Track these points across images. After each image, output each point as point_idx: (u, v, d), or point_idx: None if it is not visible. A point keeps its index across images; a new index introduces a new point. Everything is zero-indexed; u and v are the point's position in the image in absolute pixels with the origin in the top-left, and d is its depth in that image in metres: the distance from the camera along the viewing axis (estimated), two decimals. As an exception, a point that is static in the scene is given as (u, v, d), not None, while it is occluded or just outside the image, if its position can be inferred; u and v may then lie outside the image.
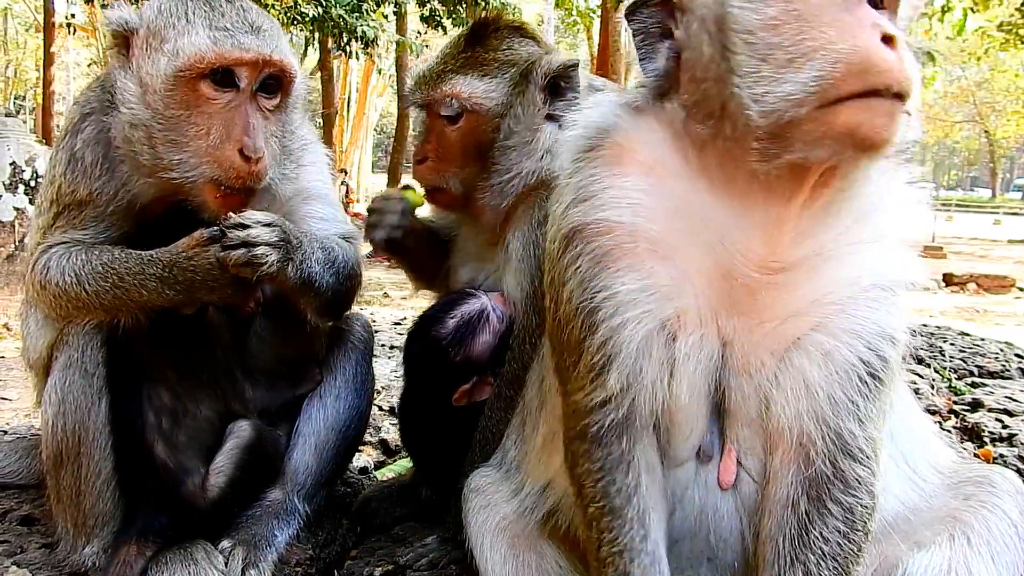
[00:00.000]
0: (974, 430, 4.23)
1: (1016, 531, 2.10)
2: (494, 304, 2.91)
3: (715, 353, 1.93)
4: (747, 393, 1.95)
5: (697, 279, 1.86)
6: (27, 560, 2.79)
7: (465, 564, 2.73)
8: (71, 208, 2.73)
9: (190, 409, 2.79)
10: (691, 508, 2.04)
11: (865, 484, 1.91)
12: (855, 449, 1.89)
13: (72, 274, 2.63)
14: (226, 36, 2.55)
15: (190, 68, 2.53)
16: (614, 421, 1.95)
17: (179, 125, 2.59)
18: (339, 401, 3.15)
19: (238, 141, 2.58)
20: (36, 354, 2.86)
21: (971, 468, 2.32)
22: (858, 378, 1.88)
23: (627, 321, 1.85)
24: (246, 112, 2.61)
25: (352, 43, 18.54)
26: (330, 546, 3.09)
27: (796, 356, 1.90)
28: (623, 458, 1.97)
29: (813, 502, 1.90)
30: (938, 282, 21.00)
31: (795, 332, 1.89)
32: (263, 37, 2.62)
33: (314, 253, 2.68)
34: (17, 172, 12.61)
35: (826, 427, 1.88)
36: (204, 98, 2.57)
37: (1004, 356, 5.91)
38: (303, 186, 2.97)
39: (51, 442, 2.70)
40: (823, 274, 1.89)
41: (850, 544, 1.90)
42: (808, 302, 1.88)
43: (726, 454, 2.01)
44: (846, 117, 1.58)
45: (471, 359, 2.88)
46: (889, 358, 1.89)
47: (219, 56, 2.53)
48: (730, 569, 2.05)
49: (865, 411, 1.89)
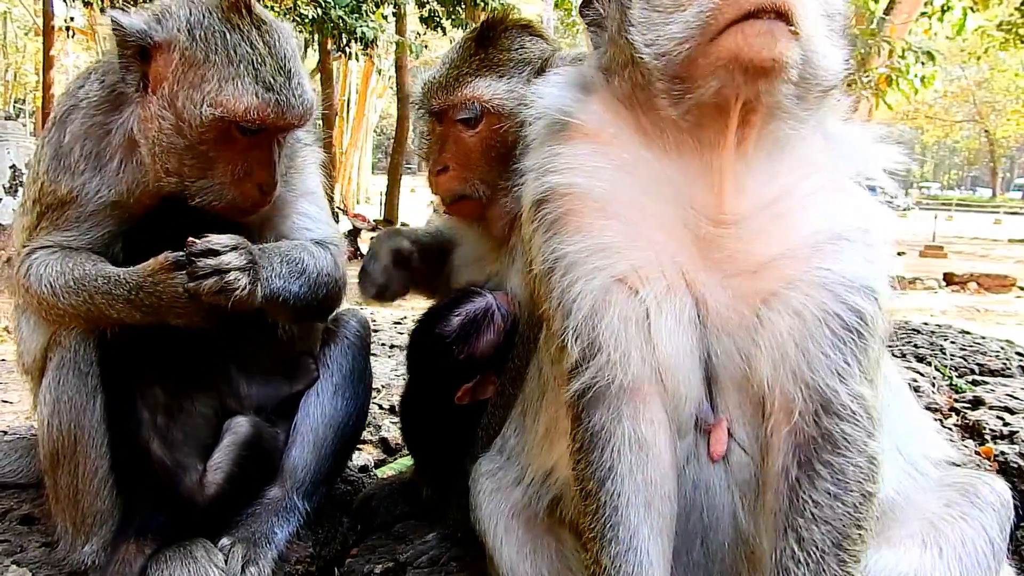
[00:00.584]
0: (975, 428, 4.21)
1: (992, 548, 2.05)
2: (499, 303, 2.90)
3: (689, 309, 1.91)
4: (730, 354, 1.92)
5: (655, 234, 1.90)
6: (27, 559, 2.78)
7: (466, 561, 2.73)
8: (53, 208, 2.71)
9: (185, 406, 2.78)
10: (685, 484, 1.99)
11: (856, 443, 1.84)
12: (838, 406, 1.84)
13: (48, 285, 2.63)
14: (271, 96, 2.54)
15: (233, 119, 2.54)
16: (587, 389, 1.91)
17: (207, 155, 2.61)
18: (337, 398, 3.13)
19: (259, 176, 2.67)
20: (31, 357, 2.85)
21: (960, 473, 2.27)
22: (831, 332, 1.83)
23: (577, 278, 1.88)
24: (270, 151, 2.69)
25: (352, 44, 18.53)
26: (330, 544, 3.08)
27: (768, 313, 1.87)
28: (599, 436, 1.92)
29: (803, 467, 1.85)
30: (939, 281, 21.01)
31: (764, 287, 1.88)
32: (300, 93, 2.61)
33: (276, 268, 2.66)
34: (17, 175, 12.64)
35: (804, 386, 1.84)
36: (233, 137, 2.60)
37: (1005, 354, 5.90)
38: (293, 183, 2.97)
39: (47, 442, 2.70)
40: (780, 226, 1.88)
41: (844, 507, 1.82)
42: (770, 255, 1.88)
43: (717, 424, 1.97)
44: (727, 43, 1.68)
45: (475, 357, 2.87)
46: (865, 311, 1.85)
47: (262, 118, 2.55)
48: (721, 549, 1.99)
49: (845, 366, 1.84)
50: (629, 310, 1.88)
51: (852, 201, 1.93)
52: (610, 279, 1.88)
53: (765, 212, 1.89)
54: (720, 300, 1.91)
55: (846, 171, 1.96)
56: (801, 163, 1.92)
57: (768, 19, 1.64)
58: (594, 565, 1.93)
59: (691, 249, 1.90)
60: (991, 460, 3.82)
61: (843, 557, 1.81)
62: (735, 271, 1.90)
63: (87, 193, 2.69)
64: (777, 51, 1.65)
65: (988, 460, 3.82)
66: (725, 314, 1.91)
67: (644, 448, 1.92)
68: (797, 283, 1.85)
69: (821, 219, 1.89)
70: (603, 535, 1.90)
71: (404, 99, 26.23)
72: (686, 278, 1.91)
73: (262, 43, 2.57)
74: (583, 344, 1.89)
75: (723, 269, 1.90)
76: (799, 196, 1.90)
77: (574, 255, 1.89)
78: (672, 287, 1.89)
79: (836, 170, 1.95)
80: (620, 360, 1.88)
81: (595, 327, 1.88)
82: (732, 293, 1.90)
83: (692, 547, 2.01)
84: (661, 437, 1.94)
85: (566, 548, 2.22)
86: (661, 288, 1.89)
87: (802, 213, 1.89)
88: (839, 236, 1.88)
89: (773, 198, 1.89)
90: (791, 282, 1.86)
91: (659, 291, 1.89)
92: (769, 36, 1.64)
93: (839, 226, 1.89)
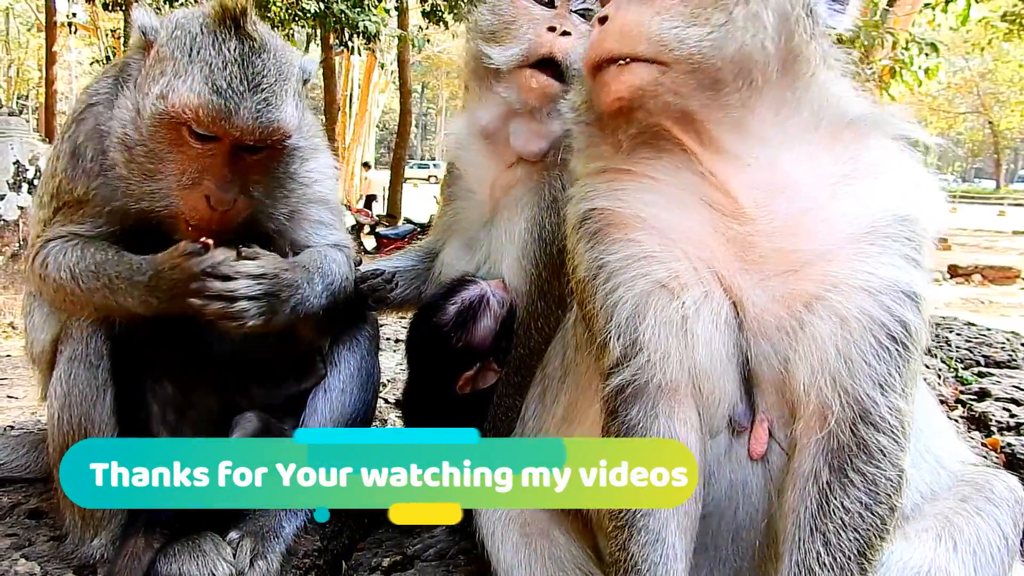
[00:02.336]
0: (981, 419, 4.21)
1: (1006, 544, 2.05)
2: (493, 290, 2.90)
3: (726, 313, 1.92)
4: (768, 356, 1.92)
5: (686, 242, 1.93)
6: (35, 553, 2.79)
7: (474, 555, 2.72)
8: (70, 205, 2.71)
9: (194, 401, 2.79)
10: (722, 482, 2.01)
11: (890, 455, 1.84)
12: (877, 418, 1.83)
13: (67, 270, 2.62)
14: (217, 101, 2.42)
15: (175, 116, 2.46)
16: (626, 386, 1.96)
17: (157, 157, 2.55)
18: (345, 395, 3.13)
19: (207, 188, 2.53)
20: (40, 348, 2.86)
21: (975, 469, 2.27)
22: (875, 341, 1.82)
23: (619, 284, 1.94)
24: (223, 163, 2.54)
25: (354, 38, 18.50)
26: (338, 537, 3.08)
27: (807, 315, 1.86)
28: (634, 430, 1.96)
29: (835, 472, 1.85)
30: (943, 273, 20.97)
31: (805, 288, 1.86)
32: (261, 109, 2.48)
33: (314, 288, 2.68)
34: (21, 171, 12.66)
35: (843, 392, 1.83)
36: (184, 141, 2.51)
37: (1011, 345, 5.89)
38: (307, 191, 2.95)
39: (57, 435, 2.70)
40: (809, 218, 1.87)
41: (872, 516, 1.84)
42: (805, 252, 1.86)
43: (758, 423, 1.98)
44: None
45: (473, 344, 2.88)
46: (910, 323, 1.83)
47: (201, 120, 2.44)
48: (752, 547, 2.01)
49: (886, 377, 1.83)
50: (668, 314, 1.92)
51: (886, 182, 1.89)
52: (650, 284, 1.93)
53: (785, 202, 1.87)
54: (759, 302, 1.91)
55: (875, 148, 1.92)
56: (805, 145, 1.90)
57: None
58: (620, 552, 1.96)
59: (725, 252, 1.91)
60: (997, 452, 3.82)
61: (864, 565, 1.84)
62: (773, 272, 1.89)
63: (103, 194, 2.68)
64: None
65: (995, 452, 3.82)
66: (764, 317, 1.91)
67: None
68: (841, 286, 1.83)
69: (854, 207, 1.86)
70: (632, 524, 1.94)
71: (407, 94, 26.19)
72: (723, 282, 1.92)
73: (235, 53, 2.48)
74: (625, 344, 1.95)
75: (761, 270, 1.90)
76: (819, 182, 1.88)
77: (616, 263, 1.96)
78: (709, 292, 1.92)
79: (860, 148, 1.91)
80: (659, 360, 1.93)
81: (636, 328, 1.94)
82: (771, 295, 1.90)
83: (724, 543, 2.03)
84: (692, 437, 1.98)
85: (559, 550, 2.28)
86: (699, 293, 1.91)
87: (831, 202, 1.87)
88: (878, 230, 1.85)
89: (786, 185, 1.88)
90: (835, 285, 1.84)
91: (697, 296, 1.91)
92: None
93: (876, 216, 1.85)
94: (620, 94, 1.82)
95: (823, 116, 1.92)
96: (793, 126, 1.90)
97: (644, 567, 1.92)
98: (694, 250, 1.92)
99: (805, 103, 1.90)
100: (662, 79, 1.79)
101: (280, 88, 2.55)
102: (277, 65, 2.56)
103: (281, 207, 2.81)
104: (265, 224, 2.82)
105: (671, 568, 1.92)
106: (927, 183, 1.93)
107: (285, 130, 2.57)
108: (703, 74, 1.80)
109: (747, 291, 1.91)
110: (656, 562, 1.92)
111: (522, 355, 2.82)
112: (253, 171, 2.64)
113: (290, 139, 2.63)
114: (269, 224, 2.84)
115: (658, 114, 1.86)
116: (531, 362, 2.74)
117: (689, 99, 1.83)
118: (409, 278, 3.37)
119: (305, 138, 2.79)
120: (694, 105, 1.84)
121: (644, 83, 1.80)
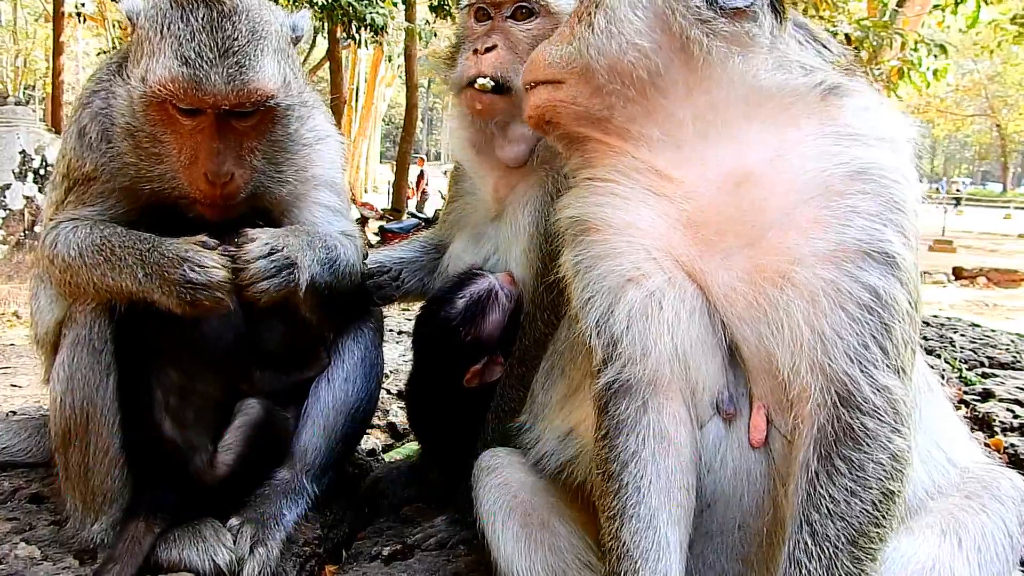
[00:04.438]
0: (985, 420, 4.20)
1: (1011, 542, 2.03)
2: (501, 283, 2.90)
3: (692, 297, 1.95)
4: (748, 340, 1.92)
5: (643, 234, 1.99)
6: (36, 537, 2.79)
7: (474, 545, 2.72)
8: (80, 183, 2.73)
9: (198, 387, 2.78)
10: (726, 470, 2.00)
11: (878, 439, 1.77)
12: (860, 400, 1.77)
13: (75, 248, 2.63)
14: (185, 71, 2.42)
15: (155, 96, 2.48)
16: (613, 383, 2.01)
17: (156, 140, 2.58)
18: (348, 384, 3.13)
19: (203, 166, 2.54)
20: (44, 329, 2.86)
21: (982, 466, 2.23)
22: (843, 311, 1.76)
23: (591, 280, 2.04)
24: (212, 136, 2.54)
25: (361, 31, 18.48)
26: (339, 526, 3.08)
27: (776, 293, 1.83)
28: (624, 423, 1.99)
29: (822, 461, 1.79)
30: (948, 276, 20.94)
31: (765, 262, 1.84)
32: (233, 72, 2.46)
33: (316, 254, 2.71)
34: (27, 161, 12.67)
35: (821, 373, 1.78)
36: (173, 119, 2.54)
37: (1015, 347, 5.89)
38: (315, 175, 2.96)
39: (59, 419, 2.70)
40: (747, 190, 1.86)
41: (862, 504, 1.77)
42: (755, 224, 1.85)
43: (755, 411, 1.97)
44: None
45: (481, 338, 2.87)
46: (878, 287, 1.77)
47: (173, 93, 2.45)
48: (760, 535, 1.98)
49: (862, 351, 1.77)
50: (636, 306, 1.97)
51: (836, 139, 1.85)
52: (618, 280, 2.00)
53: (724, 173, 1.89)
54: (725, 282, 1.91)
55: (823, 109, 1.89)
56: (738, 117, 1.91)
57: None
58: (612, 541, 1.97)
59: (682, 237, 1.95)
60: (1001, 452, 3.81)
61: (858, 555, 1.77)
62: (733, 247, 1.89)
63: (109, 170, 2.70)
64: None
65: (998, 452, 3.81)
66: (733, 297, 1.91)
67: (666, 440, 1.99)
68: (805, 259, 1.80)
69: (801, 168, 1.83)
70: (624, 512, 1.96)
71: (413, 88, 26.16)
72: (685, 267, 1.96)
73: (203, 21, 2.46)
74: (604, 339, 2.01)
75: (721, 248, 1.91)
76: (759, 149, 1.87)
77: (586, 263, 2.06)
78: (672, 279, 1.96)
79: (806, 111, 1.89)
80: (638, 353, 1.96)
81: (610, 324, 2.00)
82: (736, 274, 1.89)
83: (730, 531, 2.02)
84: (683, 431, 2.00)
85: (559, 540, 2.29)
86: (661, 281, 1.96)
87: (774, 166, 1.85)
88: (833, 189, 1.81)
89: (723, 157, 1.90)
90: (798, 259, 1.80)
91: (660, 284, 1.96)
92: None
93: (829, 174, 1.81)
94: (530, 113, 2.15)
95: (752, 87, 1.90)
96: (716, 102, 1.91)
97: (636, 553, 1.92)
98: (651, 241, 1.98)
99: (722, 80, 1.91)
100: (558, 95, 2.05)
101: (254, 49, 2.52)
102: (250, 26, 2.53)
103: (289, 173, 2.79)
104: (273, 206, 2.84)
105: (663, 555, 1.93)
106: (893, 134, 1.89)
107: (264, 90, 2.53)
108: (592, 81, 1.97)
109: (711, 273, 1.92)
110: (648, 548, 1.92)
111: (526, 346, 2.82)
112: (248, 138, 2.62)
113: (274, 99, 2.58)
114: (278, 206, 2.85)
115: (571, 123, 2.08)
116: (535, 353, 2.74)
117: (591, 105, 2.01)
118: (413, 270, 3.39)
119: (296, 96, 2.73)
120: (598, 108, 2.00)
121: (544, 101, 2.08)
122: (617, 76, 1.94)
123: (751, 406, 1.98)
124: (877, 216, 1.79)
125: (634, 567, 1.92)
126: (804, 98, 1.90)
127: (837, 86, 1.91)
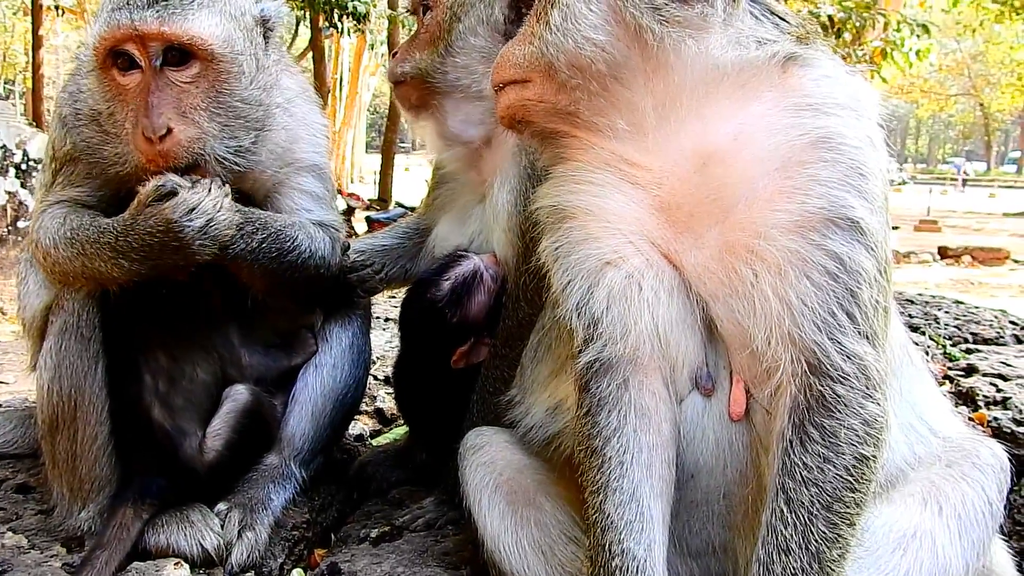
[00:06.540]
0: (968, 394, 4.23)
1: (990, 509, 2.06)
2: (486, 264, 2.90)
3: (670, 278, 1.98)
4: (723, 316, 1.94)
5: (619, 219, 2.02)
6: (23, 526, 2.79)
7: (462, 524, 2.74)
8: (66, 164, 2.75)
9: (187, 372, 2.79)
10: (707, 443, 2.03)
11: (850, 406, 1.79)
12: (828, 367, 1.78)
13: (51, 239, 2.64)
14: (115, 13, 2.43)
15: (96, 56, 2.50)
16: (593, 362, 2.03)
17: (108, 114, 2.58)
18: (336, 370, 3.15)
19: (141, 123, 2.48)
20: (31, 313, 2.86)
21: (963, 436, 2.27)
22: (808, 280, 1.78)
23: (572, 264, 2.07)
24: (147, 90, 2.48)
25: (343, 20, 18.35)
26: (327, 510, 3.10)
27: (744, 268, 1.85)
28: (606, 400, 2.02)
29: (796, 429, 1.82)
30: (933, 255, 21.07)
31: (734, 239, 1.87)
32: (158, 10, 2.43)
33: (258, 232, 2.67)
34: (8, 156, 12.55)
35: (791, 343, 1.81)
36: (118, 85, 2.52)
37: (998, 323, 5.92)
38: (297, 159, 2.94)
39: (47, 407, 2.70)
40: (710, 169, 1.89)
41: (835, 469, 1.78)
42: (721, 201, 1.88)
43: (735, 384, 1.99)
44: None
45: (467, 320, 2.88)
46: (842, 253, 1.78)
47: (103, 39, 2.44)
48: (744, 503, 2.02)
49: (829, 319, 1.78)
50: (616, 287, 2.00)
51: (795, 110, 1.86)
52: (597, 263, 2.03)
53: (689, 155, 1.91)
54: (698, 262, 1.94)
55: (782, 82, 1.90)
56: (697, 98, 1.92)
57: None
58: (597, 514, 1.99)
59: (656, 221, 1.98)
60: (984, 426, 3.85)
61: (834, 520, 1.79)
62: (704, 227, 1.91)
63: (87, 149, 2.70)
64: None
65: (981, 426, 3.84)
66: (706, 275, 1.93)
67: (647, 415, 2.02)
68: (770, 232, 1.81)
69: (760, 141, 1.85)
70: (607, 486, 1.98)
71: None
72: (661, 249, 1.99)
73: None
74: (585, 321, 2.04)
75: (693, 229, 1.94)
76: (719, 128, 1.89)
77: (565, 248, 2.09)
78: (650, 261, 1.99)
79: (764, 86, 1.90)
80: (618, 332, 1.99)
81: (590, 306, 2.03)
82: (709, 253, 1.92)
83: (715, 499, 2.06)
84: (662, 407, 2.03)
85: (545, 516, 2.31)
86: (640, 263, 1.99)
87: (736, 142, 1.87)
88: (793, 159, 1.82)
89: (686, 140, 1.92)
90: (762, 233, 1.82)
91: (639, 266, 1.98)
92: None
93: (789, 144, 1.83)
94: (501, 113, 2.18)
95: (708, 68, 1.91)
96: (674, 88, 1.92)
97: (621, 525, 1.95)
98: (628, 227, 2.01)
99: (678, 65, 1.91)
100: (525, 93, 2.08)
101: (192, 1, 2.50)
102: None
103: (243, 136, 2.66)
104: (254, 191, 2.83)
105: (647, 526, 1.95)
106: (854, 101, 1.90)
107: (193, 33, 2.47)
108: (555, 78, 2.00)
109: (684, 253, 1.96)
110: (632, 520, 1.95)
111: (510, 327, 2.82)
112: (189, 95, 2.53)
113: (208, 47, 2.50)
114: (259, 191, 2.85)
115: (541, 119, 2.11)
116: (519, 333, 2.73)
117: (557, 101, 2.03)
118: (395, 257, 3.40)
119: (250, 62, 2.65)
120: (565, 104, 2.02)
121: (513, 101, 2.12)
122: (578, 71, 1.96)
123: (731, 380, 2.00)
124: (839, 183, 1.80)
125: (619, 538, 1.94)
126: (762, 71, 1.90)
127: (793, 55, 1.91)
